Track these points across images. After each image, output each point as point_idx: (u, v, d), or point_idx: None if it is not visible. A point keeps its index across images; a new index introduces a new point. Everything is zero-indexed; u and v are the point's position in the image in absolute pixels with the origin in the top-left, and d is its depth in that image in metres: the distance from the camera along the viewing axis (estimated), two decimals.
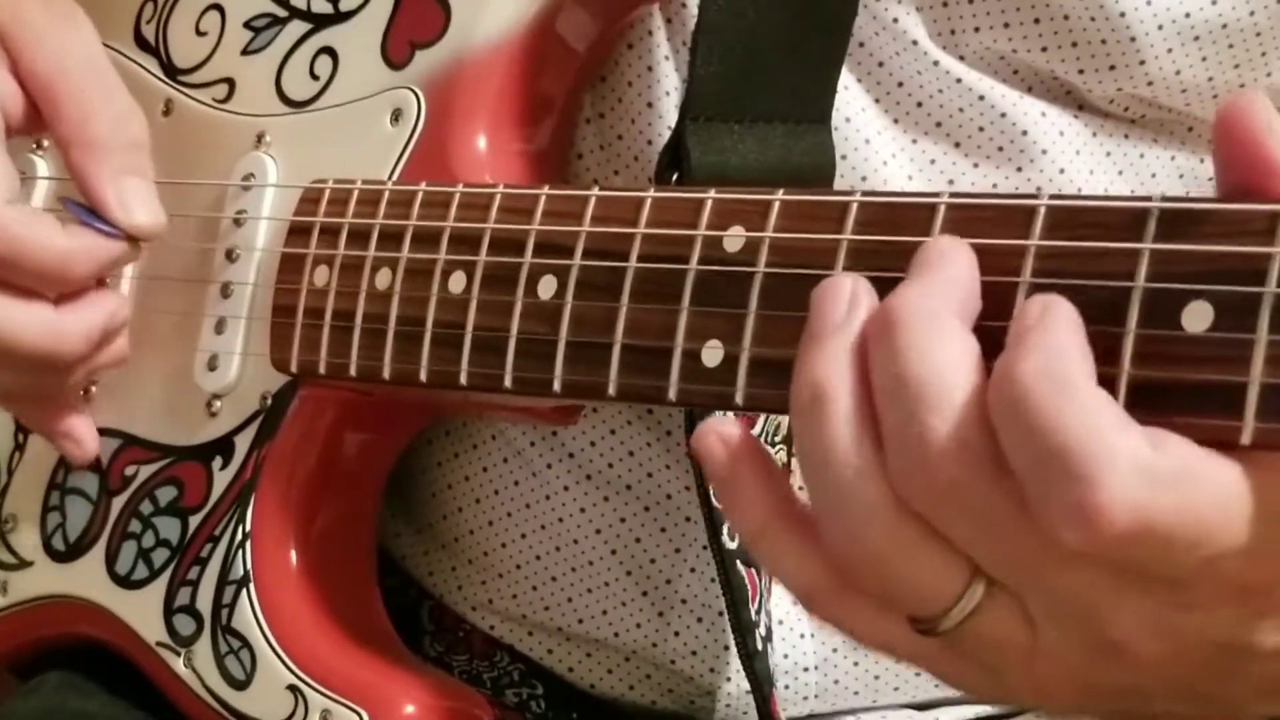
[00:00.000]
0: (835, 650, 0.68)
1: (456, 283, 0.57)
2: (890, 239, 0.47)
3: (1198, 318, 0.41)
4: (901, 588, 0.44)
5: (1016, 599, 0.44)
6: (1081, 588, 0.42)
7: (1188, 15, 0.60)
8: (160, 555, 0.67)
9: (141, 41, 0.74)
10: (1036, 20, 0.61)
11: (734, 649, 0.67)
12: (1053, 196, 0.44)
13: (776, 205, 0.50)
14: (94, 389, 0.72)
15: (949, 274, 0.43)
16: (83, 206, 0.62)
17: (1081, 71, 0.62)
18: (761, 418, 0.62)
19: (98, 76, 0.63)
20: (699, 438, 0.47)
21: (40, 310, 0.62)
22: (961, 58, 0.63)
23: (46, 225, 0.61)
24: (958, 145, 0.64)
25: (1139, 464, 0.39)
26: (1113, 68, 0.61)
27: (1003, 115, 0.63)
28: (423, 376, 0.58)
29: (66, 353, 0.63)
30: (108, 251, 0.62)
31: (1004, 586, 0.44)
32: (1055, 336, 0.40)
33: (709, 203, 0.51)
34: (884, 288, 0.46)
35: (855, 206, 0.48)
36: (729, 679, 0.68)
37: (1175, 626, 0.43)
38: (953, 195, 0.46)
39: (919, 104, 0.63)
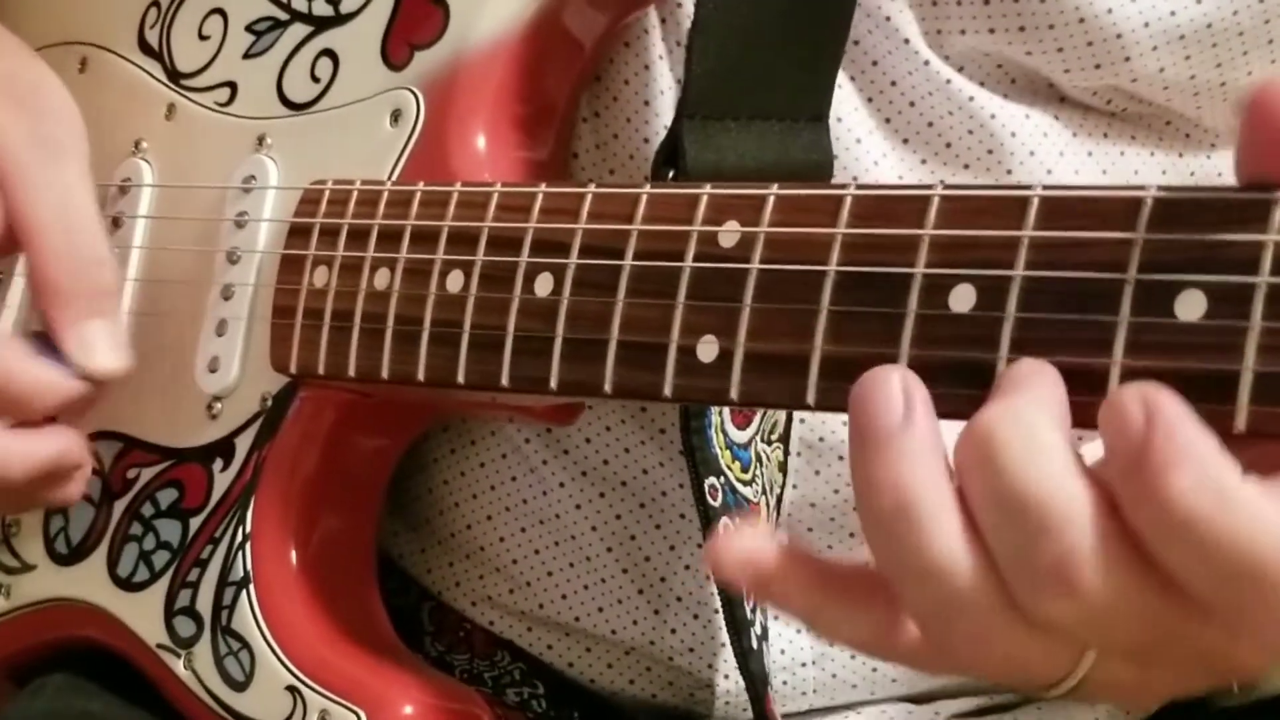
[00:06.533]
0: (832, 644, 0.67)
1: (454, 281, 0.57)
2: (885, 231, 0.47)
3: (1191, 306, 0.41)
4: (1009, 672, 0.44)
5: (1130, 655, 0.43)
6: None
7: (1173, 13, 0.60)
8: (161, 557, 0.67)
9: (145, 46, 0.74)
10: (1021, 29, 0.61)
11: (730, 646, 0.67)
12: (1046, 187, 0.44)
13: (771, 200, 0.50)
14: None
15: (1040, 391, 0.42)
16: (49, 345, 0.63)
17: (1068, 71, 0.62)
18: (757, 416, 0.62)
19: (69, 222, 0.63)
20: (719, 566, 0.45)
21: None
22: (947, 57, 0.63)
23: (14, 355, 0.62)
24: (949, 146, 0.64)
25: None
26: (1098, 66, 0.61)
27: (992, 116, 0.63)
28: (420, 376, 0.58)
29: (6, 477, 0.63)
30: (68, 390, 0.63)
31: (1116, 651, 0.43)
32: (1193, 441, 0.39)
33: (704, 198, 0.51)
34: (880, 282, 0.46)
35: (849, 200, 0.48)
36: (726, 676, 0.68)
37: None
38: (946, 187, 0.46)
39: (911, 104, 0.63)
